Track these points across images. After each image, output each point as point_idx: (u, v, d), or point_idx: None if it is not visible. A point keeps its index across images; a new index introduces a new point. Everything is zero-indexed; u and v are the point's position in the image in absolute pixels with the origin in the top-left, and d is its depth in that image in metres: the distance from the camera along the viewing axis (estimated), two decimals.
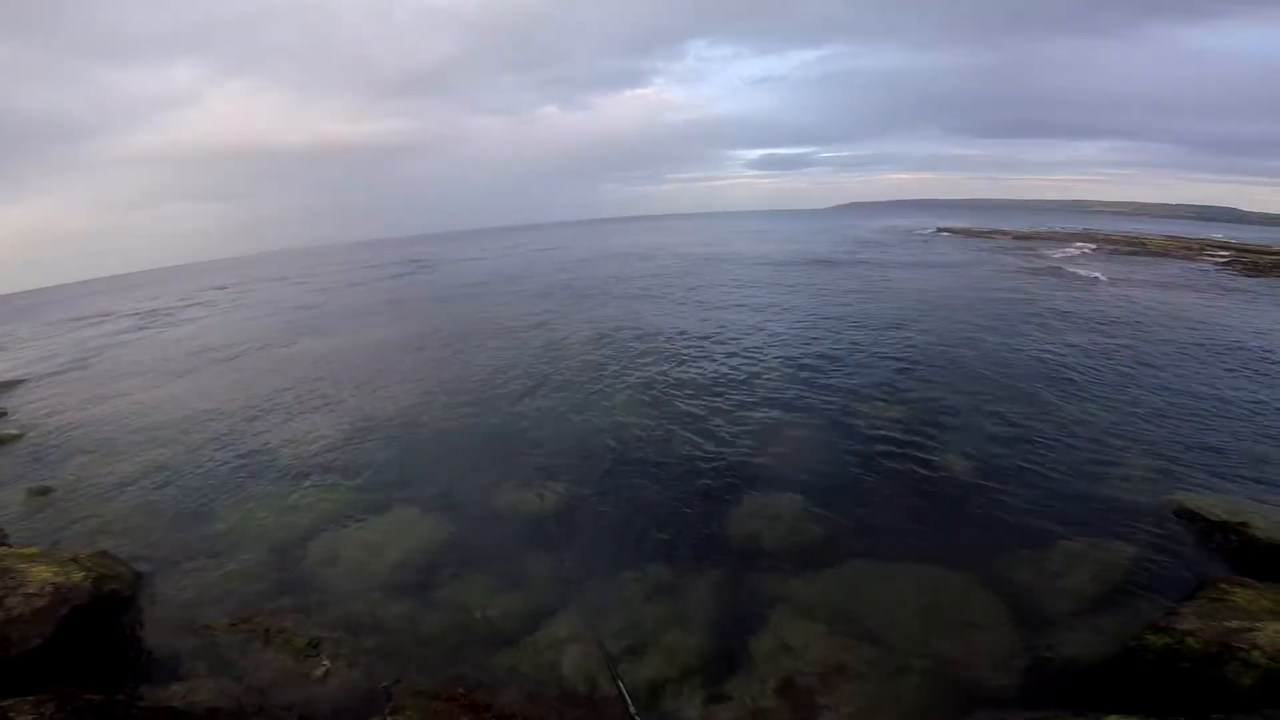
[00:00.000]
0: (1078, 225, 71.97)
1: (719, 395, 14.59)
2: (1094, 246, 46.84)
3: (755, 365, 16.64)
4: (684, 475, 10.84)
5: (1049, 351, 16.64)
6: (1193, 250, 42.44)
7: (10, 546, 8.58)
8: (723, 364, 17.03)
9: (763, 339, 19.64)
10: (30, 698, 5.52)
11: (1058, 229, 66.53)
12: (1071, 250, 44.65)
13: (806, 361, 16.70)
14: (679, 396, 14.65)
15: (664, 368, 17.04)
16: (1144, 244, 46.26)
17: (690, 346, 19.45)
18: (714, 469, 10.94)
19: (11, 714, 5.23)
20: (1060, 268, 34.82)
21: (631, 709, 3.42)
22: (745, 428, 12.54)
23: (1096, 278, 30.82)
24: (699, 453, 11.64)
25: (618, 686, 3.82)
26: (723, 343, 19.54)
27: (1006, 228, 68.35)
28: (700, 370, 16.61)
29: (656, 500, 10.08)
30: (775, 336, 19.92)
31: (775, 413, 13.23)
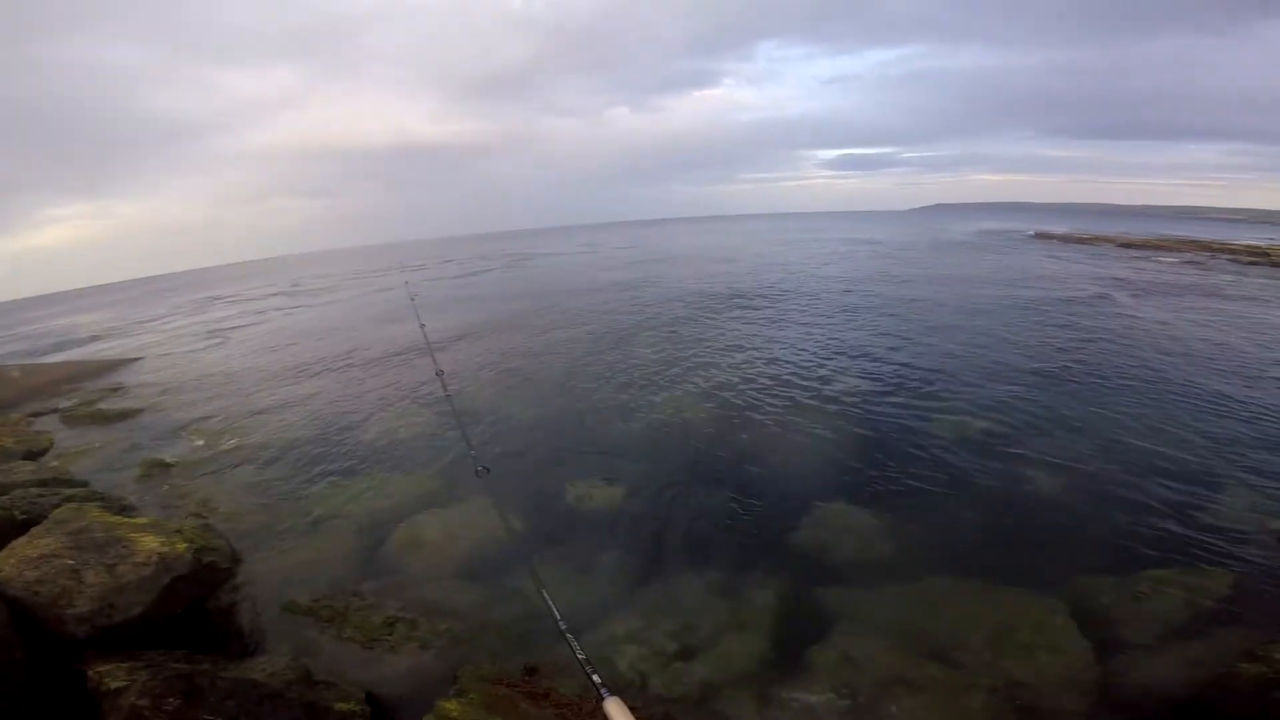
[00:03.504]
0: (1192, 233, 66.70)
1: (794, 400, 14.37)
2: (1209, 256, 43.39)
3: (836, 374, 16.24)
4: (754, 481, 10.76)
5: (1160, 370, 15.44)
6: None
7: (125, 517, 9.29)
8: (802, 370, 16.71)
9: (848, 344, 19.19)
10: (124, 664, 5.89)
11: (1167, 236, 61.83)
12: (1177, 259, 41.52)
13: (890, 373, 16.15)
14: (754, 399, 14.54)
15: (741, 372, 16.89)
16: (1268, 255, 42.53)
17: (769, 344, 19.23)
18: (786, 478, 10.81)
19: (106, 678, 5.61)
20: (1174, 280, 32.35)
21: (561, 624, 3.51)
22: (823, 438, 12.29)
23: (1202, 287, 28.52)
24: (771, 459, 11.54)
25: (545, 602, 3.93)
26: (804, 347, 19.19)
27: (1112, 234, 64.10)
28: (777, 373, 16.39)
29: (723, 504, 10.06)
30: (858, 345, 19.38)
31: (854, 424, 12.88)
